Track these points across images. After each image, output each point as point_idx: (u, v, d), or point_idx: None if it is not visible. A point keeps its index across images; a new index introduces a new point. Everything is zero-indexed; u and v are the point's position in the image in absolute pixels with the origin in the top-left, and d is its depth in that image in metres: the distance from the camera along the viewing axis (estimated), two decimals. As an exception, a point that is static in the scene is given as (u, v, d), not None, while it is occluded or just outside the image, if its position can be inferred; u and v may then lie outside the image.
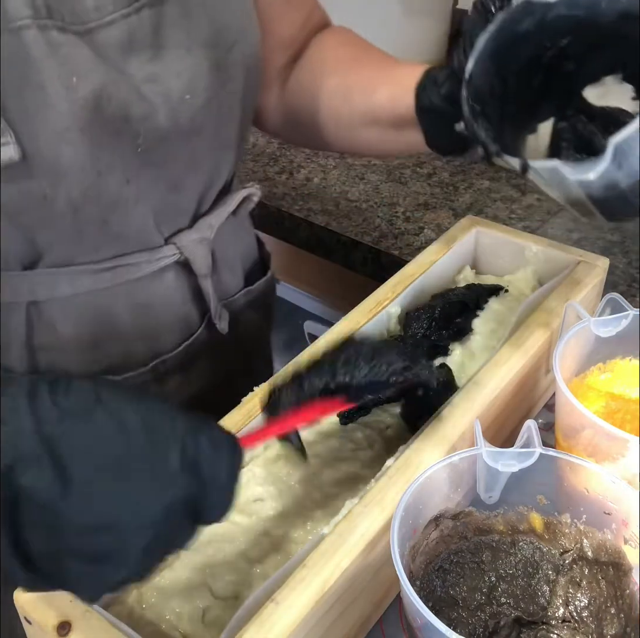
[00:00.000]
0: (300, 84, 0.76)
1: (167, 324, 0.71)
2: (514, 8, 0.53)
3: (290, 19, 0.74)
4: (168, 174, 0.63)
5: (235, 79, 0.64)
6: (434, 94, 0.61)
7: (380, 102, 0.69)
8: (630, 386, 0.65)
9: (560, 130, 0.59)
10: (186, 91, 0.59)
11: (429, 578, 0.50)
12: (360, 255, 1.04)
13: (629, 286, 0.91)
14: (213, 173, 0.68)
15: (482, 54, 0.54)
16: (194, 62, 0.59)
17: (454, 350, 0.69)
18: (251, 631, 0.45)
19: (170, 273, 0.68)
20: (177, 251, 0.67)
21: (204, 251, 0.69)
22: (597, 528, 0.51)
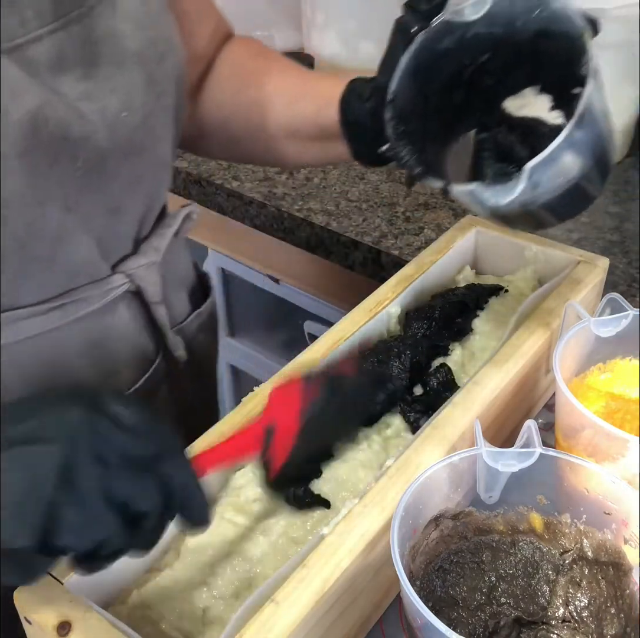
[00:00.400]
0: (213, 99, 0.74)
1: (124, 359, 0.67)
2: (434, 28, 0.55)
3: (199, 33, 0.72)
4: (108, 197, 0.59)
5: (168, 93, 0.62)
6: (359, 109, 0.61)
7: (303, 114, 0.68)
8: (630, 386, 0.65)
9: (482, 141, 0.60)
10: (123, 108, 0.56)
11: (429, 578, 0.50)
12: (360, 255, 1.04)
13: (629, 286, 0.91)
14: (153, 194, 0.65)
15: (405, 74, 0.56)
16: (128, 77, 0.57)
17: (454, 350, 0.69)
18: (251, 631, 0.45)
19: (122, 304, 0.65)
20: (126, 279, 0.63)
21: (154, 277, 0.66)
22: (597, 528, 0.51)
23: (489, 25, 0.54)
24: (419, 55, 0.56)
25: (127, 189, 0.61)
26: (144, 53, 0.58)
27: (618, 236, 1.00)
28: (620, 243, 0.98)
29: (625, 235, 1.00)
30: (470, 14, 0.54)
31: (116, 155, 0.57)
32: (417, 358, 0.66)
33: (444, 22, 0.55)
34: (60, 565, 0.48)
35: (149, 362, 0.69)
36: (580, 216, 1.02)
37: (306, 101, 0.68)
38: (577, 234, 1.00)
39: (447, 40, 0.56)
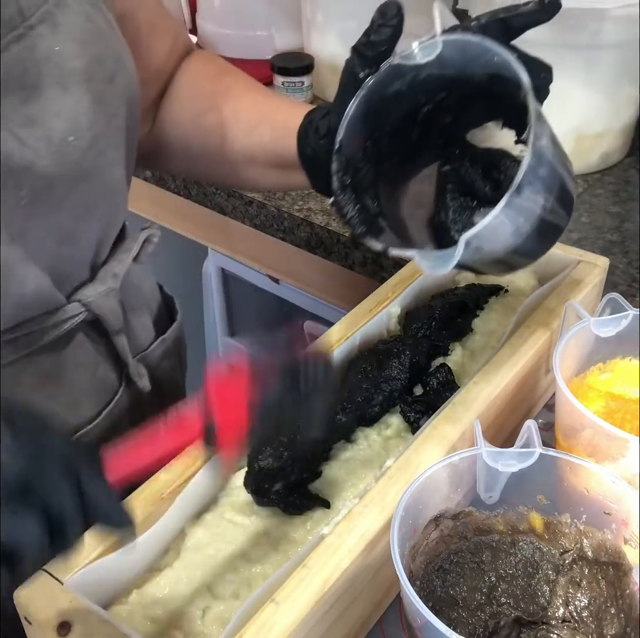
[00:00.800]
0: (172, 118, 0.72)
1: (83, 393, 0.64)
2: (383, 73, 0.54)
3: (156, 48, 0.70)
4: (58, 224, 0.56)
5: (120, 114, 0.59)
6: (315, 144, 0.59)
7: (261, 142, 0.66)
8: (630, 386, 0.65)
9: (445, 174, 0.60)
10: (69, 132, 0.53)
11: (429, 578, 0.50)
12: (360, 255, 1.04)
13: (629, 286, 0.91)
14: (108, 219, 0.63)
15: (353, 120, 0.55)
16: (74, 99, 0.53)
17: (454, 350, 0.69)
18: (251, 631, 0.45)
19: (79, 334, 0.62)
20: (82, 308, 0.61)
21: (113, 304, 0.63)
22: (597, 528, 0.51)
23: (440, 67, 0.53)
24: (368, 101, 0.54)
25: (79, 216, 0.58)
26: (91, 73, 0.55)
27: (618, 236, 1.00)
28: (620, 243, 0.98)
29: (625, 235, 1.00)
30: (421, 58, 0.52)
31: (64, 181, 0.54)
32: (417, 358, 0.66)
33: (393, 67, 0.53)
34: (60, 565, 0.48)
35: (110, 395, 0.67)
36: (580, 216, 1.03)
37: (265, 128, 0.66)
38: (577, 234, 1.00)
39: (397, 83, 0.54)
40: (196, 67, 0.73)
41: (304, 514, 0.55)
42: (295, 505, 0.55)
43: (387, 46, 0.53)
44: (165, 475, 0.54)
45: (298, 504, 0.55)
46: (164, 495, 0.53)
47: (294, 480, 0.56)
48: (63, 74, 0.53)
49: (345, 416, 0.60)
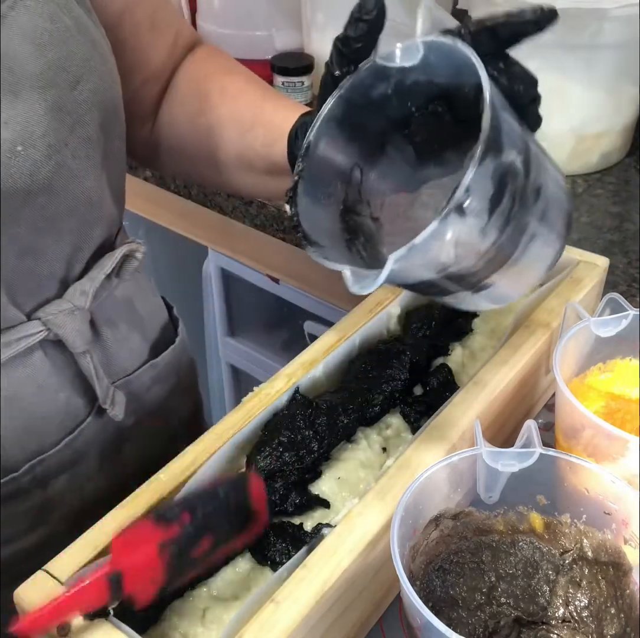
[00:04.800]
0: (168, 119, 0.70)
1: (42, 417, 0.60)
2: (363, 72, 0.49)
3: (158, 46, 0.67)
4: (16, 238, 0.53)
5: (88, 123, 0.55)
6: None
7: (254, 146, 0.63)
8: (630, 386, 0.65)
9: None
10: (17, 141, 0.50)
11: (429, 578, 0.50)
12: (360, 255, 1.04)
13: (629, 286, 0.91)
14: (80, 234, 0.58)
15: (327, 121, 0.50)
16: (26, 107, 0.50)
17: (454, 350, 0.69)
18: (251, 631, 0.45)
19: (37, 354, 0.58)
20: (42, 327, 0.57)
21: (77, 323, 0.59)
22: (597, 528, 0.51)
23: (428, 74, 0.48)
24: (347, 102, 0.50)
25: (40, 229, 0.54)
26: (49, 78, 0.51)
27: (618, 236, 1.00)
28: (620, 243, 0.98)
29: (625, 235, 1.00)
30: (403, 60, 0.47)
31: (15, 193, 0.51)
32: (417, 358, 0.66)
33: (375, 67, 0.49)
34: (60, 565, 0.48)
35: (75, 421, 0.63)
36: (580, 216, 1.03)
37: (259, 131, 0.63)
38: (577, 234, 1.00)
39: (382, 86, 0.49)
40: (195, 66, 0.70)
41: (303, 514, 0.55)
42: (295, 505, 0.55)
43: (363, 43, 0.48)
44: (164, 475, 0.54)
45: (298, 504, 0.55)
46: (163, 495, 0.53)
47: (294, 480, 0.56)
48: (16, 81, 0.49)
49: (346, 417, 0.60)
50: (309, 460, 0.57)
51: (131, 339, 0.68)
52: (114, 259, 0.61)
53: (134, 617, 0.47)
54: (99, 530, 0.51)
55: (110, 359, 0.65)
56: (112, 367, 0.66)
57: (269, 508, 0.52)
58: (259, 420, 0.59)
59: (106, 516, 0.52)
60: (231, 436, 0.57)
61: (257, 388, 0.62)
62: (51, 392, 0.60)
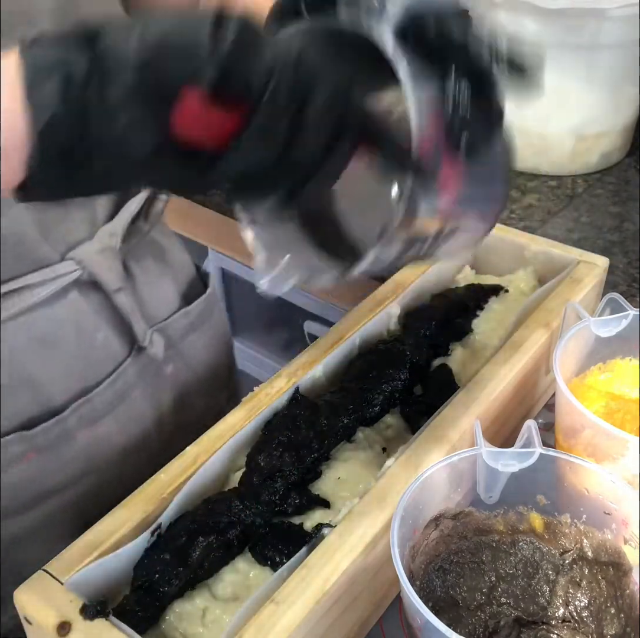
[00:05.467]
0: None
1: (83, 357, 0.62)
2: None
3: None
4: None
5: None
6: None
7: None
8: (630, 386, 0.65)
9: None
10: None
11: (429, 578, 0.50)
12: (360, 255, 1.04)
13: (629, 286, 0.91)
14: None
15: None
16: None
17: (454, 350, 0.69)
18: (251, 631, 0.45)
19: (72, 294, 0.60)
20: (76, 266, 0.59)
21: (109, 262, 0.61)
22: (597, 528, 0.51)
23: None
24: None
25: None
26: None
27: (618, 236, 1.00)
28: (620, 243, 0.98)
29: (625, 235, 1.00)
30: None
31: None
32: (417, 358, 0.66)
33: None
34: (60, 565, 0.48)
35: (115, 362, 0.65)
36: (580, 216, 1.03)
37: None
38: (577, 234, 1.00)
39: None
40: None
41: (304, 514, 0.55)
42: (295, 505, 0.55)
43: None
44: (165, 475, 0.54)
45: (298, 504, 0.55)
46: (164, 495, 0.53)
47: (294, 480, 0.56)
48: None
49: (346, 417, 0.60)
50: (309, 460, 0.57)
51: (162, 286, 0.70)
52: (138, 201, 0.64)
53: (134, 617, 0.48)
54: (99, 530, 0.51)
55: (143, 303, 0.67)
56: (146, 311, 0.67)
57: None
58: (259, 420, 0.59)
59: (106, 516, 0.52)
60: (231, 436, 0.57)
61: (257, 388, 0.62)
62: (89, 332, 0.62)
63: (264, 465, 0.56)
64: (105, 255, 0.61)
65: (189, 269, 0.77)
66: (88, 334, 0.62)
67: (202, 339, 0.75)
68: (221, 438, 0.57)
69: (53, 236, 0.58)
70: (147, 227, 0.67)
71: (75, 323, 0.61)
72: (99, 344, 0.63)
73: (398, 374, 0.64)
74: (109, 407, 0.65)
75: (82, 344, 0.62)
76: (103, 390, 0.64)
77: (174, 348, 0.71)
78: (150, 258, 0.68)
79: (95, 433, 0.64)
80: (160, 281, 0.70)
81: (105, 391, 0.64)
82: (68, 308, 0.61)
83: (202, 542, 0.51)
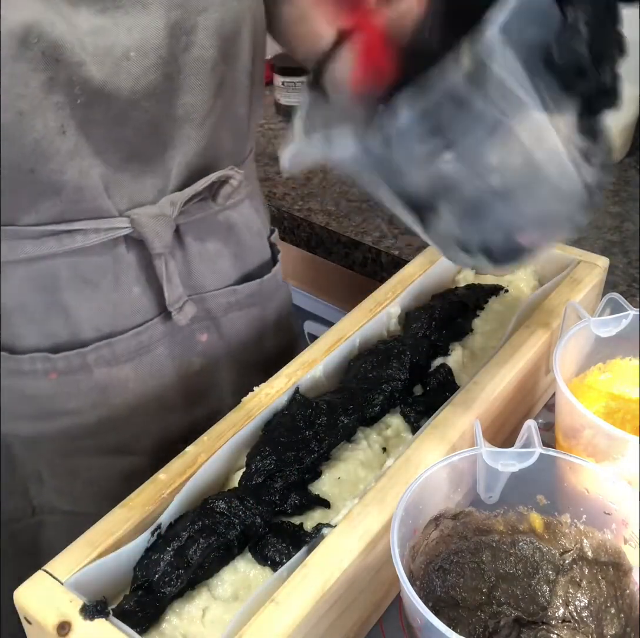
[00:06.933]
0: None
1: (116, 304, 0.66)
2: None
3: None
4: (121, 141, 0.59)
5: (206, 47, 0.60)
6: None
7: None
8: (630, 386, 0.65)
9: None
10: (133, 48, 0.56)
11: (429, 578, 0.50)
12: (360, 255, 1.04)
13: (629, 286, 0.91)
14: (181, 149, 0.63)
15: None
16: (150, 19, 0.56)
17: (454, 350, 0.69)
18: (251, 631, 0.45)
19: (120, 247, 0.64)
20: (129, 224, 0.63)
21: (160, 228, 0.64)
22: (597, 528, 0.51)
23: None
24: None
25: (145, 136, 0.60)
26: (178, 1, 0.57)
27: (618, 236, 1.00)
28: (620, 243, 0.98)
29: (625, 235, 1.00)
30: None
31: (119, 94, 0.56)
32: (417, 358, 0.66)
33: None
34: (60, 565, 0.48)
35: (143, 318, 0.68)
36: (580, 216, 1.03)
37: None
38: (577, 234, 1.00)
39: None
40: None
41: (304, 514, 0.55)
42: (295, 505, 0.55)
43: None
44: (165, 475, 0.54)
45: (298, 504, 0.55)
46: (164, 495, 0.53)
47: (294, 480, 0.56)
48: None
49: (346, 417, 0.60)
50: (309, 460, 0.57)
51: (218, 263, 0.73)
52: (206, 180, 0.66)
53: (134, 617, 0.48)
54: (99, 530, 0.51)
55: (190, 272, 0.70)
56: (191, 280, 0.70)
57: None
58: (259, 420, 0.59)
59: (106, 516, 0.52)
60: (231, 436, 0.57)
61: (257, 388, 0.62)
62: (127, 284, 0.66)
63: (263, 465, 0.56)
64: (158, 220, 0.64)
65: (261, 255, 0.78)
66: (125, 286, 0.66)
67: (244, 319, 0.77)
68: (221, 438, 0.57)
69: (118, 194, 0.62)
70: (217, 208, 0.69)
71: (117, 273, 0.65)
72: (134, 297, 0.67)
73: (398, 374, 0.64)
74: (129, 356, 0.68)
75: (119, 293, 0.66)
76: (126, 339, 0.67)
77: (213, 320, 0.74)
78: (213, 236, 0.71)
79: (112, 374, 0.68)
80: (217, 258, 0.72)
81: (128, 340, 0.68)
82: (113, 258, 0.64)
83: (202, 542, 0.51)
